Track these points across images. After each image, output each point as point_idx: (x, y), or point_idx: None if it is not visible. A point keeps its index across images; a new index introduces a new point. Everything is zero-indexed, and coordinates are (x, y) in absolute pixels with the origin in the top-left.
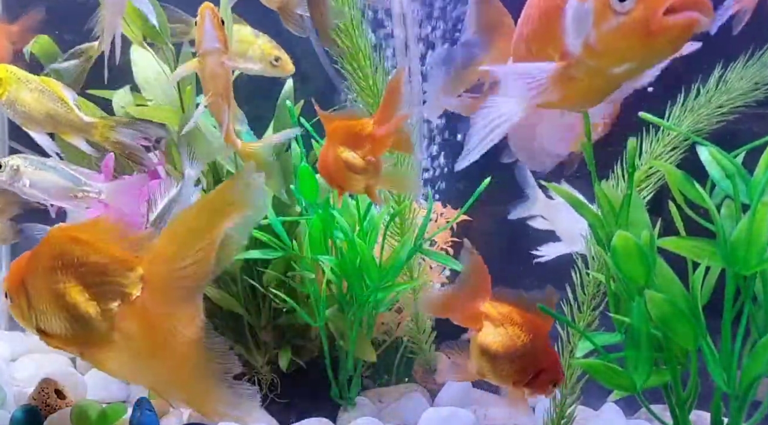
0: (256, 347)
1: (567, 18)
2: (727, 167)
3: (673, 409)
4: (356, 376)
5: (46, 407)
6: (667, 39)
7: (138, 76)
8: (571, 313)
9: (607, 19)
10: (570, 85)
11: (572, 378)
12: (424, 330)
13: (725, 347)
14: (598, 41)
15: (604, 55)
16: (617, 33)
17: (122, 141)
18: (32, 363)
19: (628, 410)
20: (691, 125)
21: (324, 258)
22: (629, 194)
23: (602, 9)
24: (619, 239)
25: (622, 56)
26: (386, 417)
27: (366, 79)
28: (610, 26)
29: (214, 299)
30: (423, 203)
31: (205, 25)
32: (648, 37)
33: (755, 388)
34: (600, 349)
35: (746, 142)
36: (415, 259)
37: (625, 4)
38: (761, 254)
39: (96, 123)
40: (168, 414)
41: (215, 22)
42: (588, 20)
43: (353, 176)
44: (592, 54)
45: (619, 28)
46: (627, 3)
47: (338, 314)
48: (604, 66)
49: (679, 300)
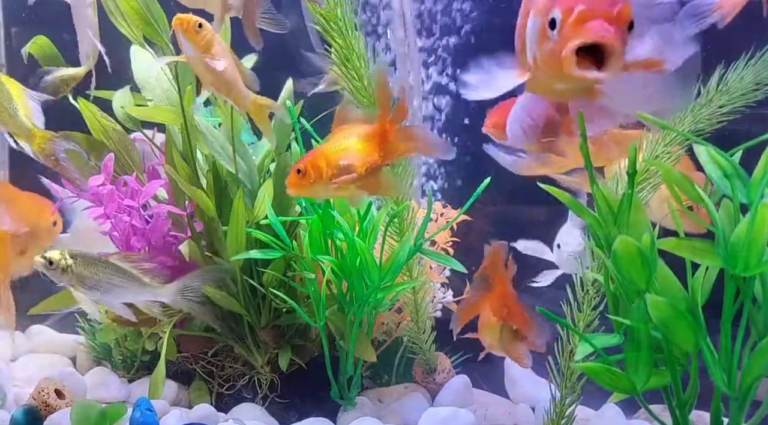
0: (256, 347)
1: (527, 31)
2: (726, 167)
3: (673, 410)
4: (356, 376)
5: (46, 407)
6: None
7: (138, 76)
8: (570, 313)
9: (545, 42)
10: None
11: (572, 378)
12: (424, 330)
13: (725, 348)
14: (540, 59)
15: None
16: (548, 56)
17: (57, 156)
18: (32, 363)
19: (629, 410)
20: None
21: (324, 258)
22: (629, 194)
23: (543, 32)
24: (620, 244)
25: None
26: (386, 417)
27: (360, 79)
28: (545, 49)
29: (214, 299)
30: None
31: (179, 37)
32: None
33: (755, 389)
34: (600, 351)
35: (745, 143)
36: (415, 259)
37: (553, 32)
38: (761, 256)
39: (34, 132)
40: (168, 414)
41: (188, 31)
42: (534, 39)
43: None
44: (538, 68)
45: (549, 53)
46: (554, 32)
47: (338, 315)
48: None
49: (680, 302)
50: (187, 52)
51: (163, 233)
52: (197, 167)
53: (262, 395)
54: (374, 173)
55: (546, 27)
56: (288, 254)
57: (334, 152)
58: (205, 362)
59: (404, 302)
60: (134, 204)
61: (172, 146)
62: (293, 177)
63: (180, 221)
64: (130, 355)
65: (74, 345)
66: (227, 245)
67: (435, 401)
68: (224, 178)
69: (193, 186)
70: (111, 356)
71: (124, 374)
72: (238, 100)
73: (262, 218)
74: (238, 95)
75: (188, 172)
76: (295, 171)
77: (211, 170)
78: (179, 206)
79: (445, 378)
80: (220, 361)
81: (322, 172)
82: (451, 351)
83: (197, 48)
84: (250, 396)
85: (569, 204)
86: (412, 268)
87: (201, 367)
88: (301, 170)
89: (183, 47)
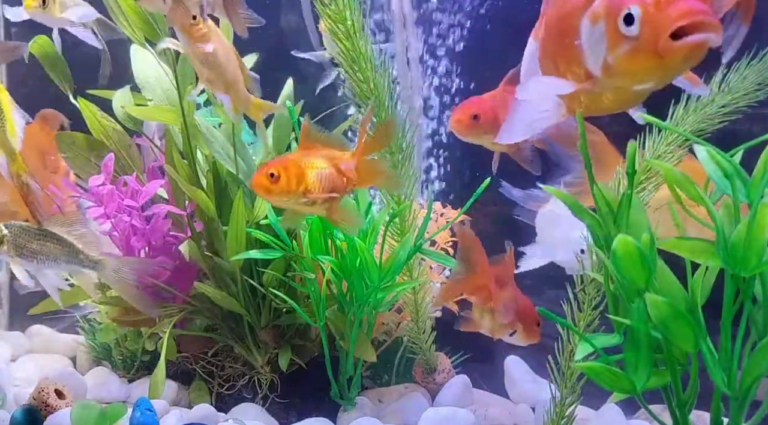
0: (256, 347)
1: (583, 41)
2: (726, 167)
3: (673, 410)
4: (356, 376)
5: (46, 407)
6: (677, 61)
7: (138, 76)
8: (571, 312)
9: (620, 44)
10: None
11: (572, 379)
12: (424, 330)
13: (725, 348)
14: (614, 64)
15: (622, 75)
16: (630, 56)
17: (30, 185)
18: (32, 363)
19: (629, 410)
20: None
21: (324, 258)
22: (629, 194)
23: (614, 33)
24: (619, 244)
25: (639, 76)
26: (386, 417)
27: (367, 82)
28: (623, 50)
29: (214, 299)
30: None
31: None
32: (659, 59)
33: (755, 388)
34: (600, 351)
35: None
36: (415, 259)
37: (631, 29)
38: (761, 256)
39: (17, 155)
40: (168, 414)
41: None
42: (602, 45)
43: None
44: (610, 75)
45: (631, 52)
46: (633, 28)
47: (338, 315)
48: (623, 85)
49: (679, 302)
50: (182, 43)
51: (163, 233)
52: (197, 167)
53: (262, 395)
54: (338, 199)
55: (617, 28)
56: (288, 254)
57: (311, 168)
58: (205, 362)
59: (404, 302)
60: (134, 204)
61: (172, 146)
62: (265, 179)
63: (180, 221)
64: (130, 355)
65: (74, 345)
66: (227, 245)
67: (435, 401)
68: (224, 178)
69: (193, 186)
70: (111, 356)
71: (124, 374)
72: (237, 100)
73: (262, 218)
74: (236, 95)
75: (188, 172)
76: (268, 174)
77: (211, 170)
78: (179, 206)
79: (445, 378)
80: (220, 361)
81: (295, 184)
82: (451, 351)
83: (192, 39)
84: (250, 396)
85: (570, 205)
86: (412, 268)
87: (201, 367)
88: (275, 174)
89: (179, 39)
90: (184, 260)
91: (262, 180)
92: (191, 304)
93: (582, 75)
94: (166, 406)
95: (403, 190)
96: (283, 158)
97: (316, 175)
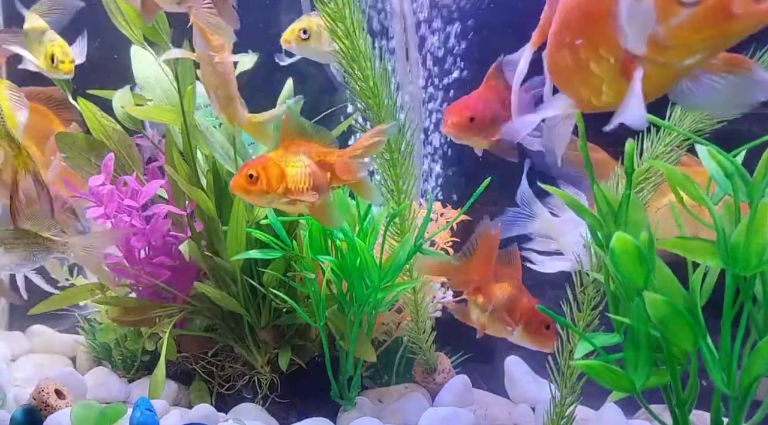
0: (256, 347)
1: (621, 19)
2: (726, 166)
3: (673, 410)
4: (356, 376)
5: (46, 407)
6: (753, 22)
7: (138, 76)
8: (570, 312)
9: (675, 13)
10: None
11: (572, 379)
12: (424, 330)
13: (725, 347)
14: (667, 37)
15: (675, 49)
16: (690, 24)
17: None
18: (32, 363)
19: (629, 410)
20: (690, 125)
21: (324, 258)
22: (628, 194)
23: (666, 3)
24: (617, 241)
25: (696, 47)
26: (386, 417)
27: (366, 80)
28: (680, 19)
29: (214, 299)
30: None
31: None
32: (729, 23)
33: (755, 388)
34: (600, 350)
35: (746, 143)
36: (415, 259)
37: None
38: (761, 255)
39: (22, 149)
40: (168, 414)
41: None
42: (651, 17)
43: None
44: (659, 51)
45: (691, 19)
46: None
47: (338, 315)
48: (674, 60)
49: (679, 301)
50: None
51: (163, 233)
52: (197, 167)
53: (262, 395)
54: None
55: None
56: (288, 254)
57: (292, 167)
58: (205, 362)
59: (404, 302)
60: (134, 204)
61: (172, 146)
62: (243, 180)
63: (180, 221)
64: (130, 355)
65: (74, 345)
66: (227, 245)
67: (435, 401)
68: (224, 178)
69: (193, 186)
70: (111, 356)
71: (124, 374)
72: (231, 115)
73: (262, 218)
74: (232, 111)
75: (188, 172)
76: (247, 175)
77: (211, 170)
78: (179, 206)
79: (445, 378)
80: (220, 361)
81: (275, 183)
82: (451, 351)
83: (210, 46)
84: (250, 396)
85: (570, 204)
86: (412, 268)
87: (201, 367)
88: (254, 175)
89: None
90: (184, 260)
91: (240, 181)
92: (191, 304)
93: (611, 62)
94: (166, 406)
95: (385, 196)
96: (263, 158)
97: (297, 174)
